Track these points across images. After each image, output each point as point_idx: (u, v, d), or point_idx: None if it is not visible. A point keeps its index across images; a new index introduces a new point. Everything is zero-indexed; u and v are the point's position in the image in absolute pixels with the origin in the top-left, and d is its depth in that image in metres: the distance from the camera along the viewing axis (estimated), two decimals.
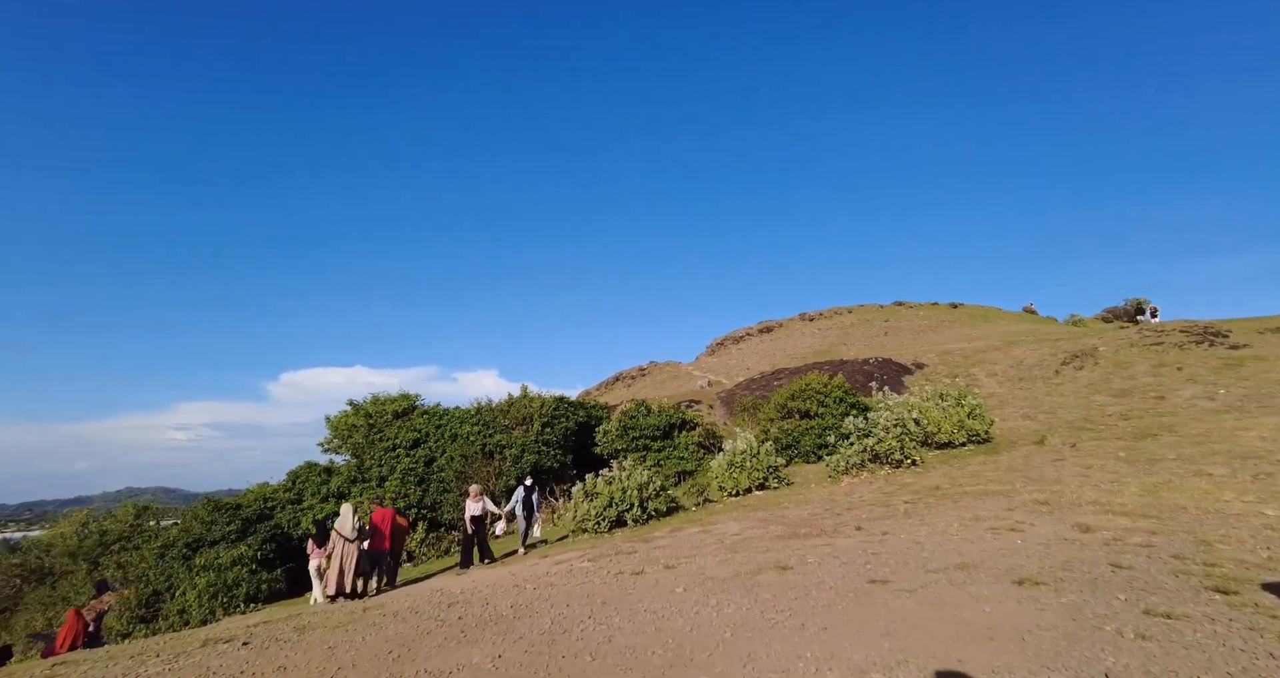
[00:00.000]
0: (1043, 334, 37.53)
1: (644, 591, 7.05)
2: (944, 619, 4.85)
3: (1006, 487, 11.11)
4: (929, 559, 6.81)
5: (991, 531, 7.94)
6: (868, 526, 9.51)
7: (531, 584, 8.88)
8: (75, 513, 36.45)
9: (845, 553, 7.61)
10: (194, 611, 17.49)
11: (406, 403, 27.99)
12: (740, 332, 65.46)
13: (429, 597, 9.05)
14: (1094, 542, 6.79)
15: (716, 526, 12.14)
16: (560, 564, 10.74)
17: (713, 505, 15.00)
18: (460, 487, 21.26)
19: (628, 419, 22.25)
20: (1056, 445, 14.58)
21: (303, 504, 22.45)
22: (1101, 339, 29.20)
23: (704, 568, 7.90)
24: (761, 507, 13.37)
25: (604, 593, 7.21)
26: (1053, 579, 5.49)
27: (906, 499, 11.43)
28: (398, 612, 7.89)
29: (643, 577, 7.95)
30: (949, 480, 12.52)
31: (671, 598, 6.50)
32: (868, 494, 12.83)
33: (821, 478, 15.85)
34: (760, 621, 5.34)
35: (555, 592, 7.76)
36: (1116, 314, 50.87)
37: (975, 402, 16.45)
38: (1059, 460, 12.88)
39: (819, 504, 12.58)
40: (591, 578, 8.57)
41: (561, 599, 7.17)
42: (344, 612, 8.68)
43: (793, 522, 11.08)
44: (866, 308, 63.35)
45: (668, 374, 56.63)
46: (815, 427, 18.54)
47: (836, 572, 6.70)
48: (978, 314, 56.57)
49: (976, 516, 9.01)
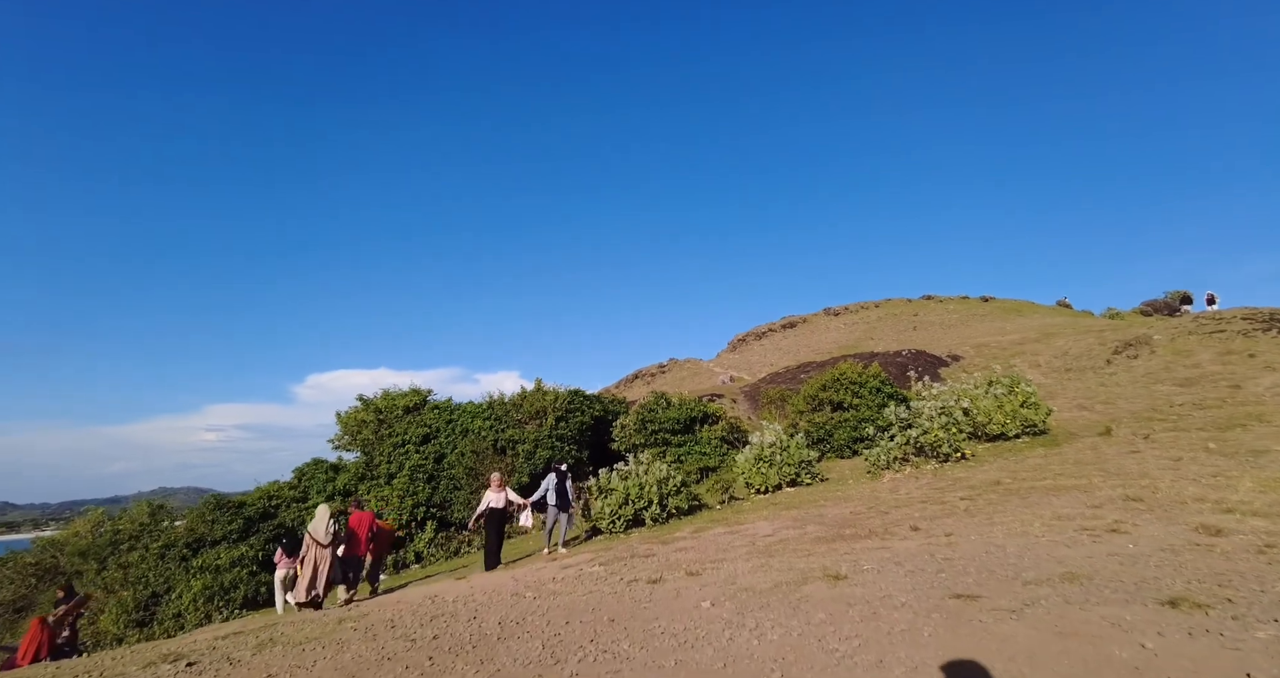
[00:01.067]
0: (1082, 326, 35.45)
1: (662, 604, 5.75)
2: (1087, 658, 3.43)
3: (1080, 481, 9.61)
4: (1020, 567, 5.41)
5: (1086, 532, 6.50)
6: (926, 525, 8.11)
7: (532, 593, 7.63)
8: (91, 512, 36.11)
9: (908, 559, 6.23)
10: (189, 614, 16.60)
11: (418, 398, 26.99)
12: (762, 328, 63.73)
13: (415, 607, 7.85)
14: (1236, 549, 5.33)
15: (745, 525, 10.80)
16: (568, 569, 9.48)
17: (739, 504, 13.66)
18: (471, 484, 20.12)
19: (646, 412, 20.95)
20: (1126, 437, 12.96)
21: (308, 503, 21.52)
22: (1152, 328, 27.25)
23: (735, 576, 6.58)
24: (795, 505, 12.00)
25: (613, 606, 5.92)
26: (1216, 600, 4.06)
27: (963, 496, 9.98)
28: (371, 627, 6.69)
29: (661, 586, 6.65)
30: (1009, 475, 11.03)
31: (697, 616, 5.18)
32: (915, 491, 11.39)
33: (859, 474, 14.41)
34: (818, 653, 3.98)
35: (557, 603, 6.50)
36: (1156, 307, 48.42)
37: (1030, 390, 14.86)
38: (1134, 453, 11.30)
39: (860, 502, 11.18)
40: (601, 586, 7.30)
41: (561, 614, 5.90)
42: (317, 625, 7.51)
43: (833, 521, 9.70)
44: (893, 302, 61.24)
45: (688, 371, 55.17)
46: (850, 419, 17.05)
47: (904, 583, 5.34)
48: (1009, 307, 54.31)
49: (1058, 514, 7.56)
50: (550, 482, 11.90)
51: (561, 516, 11.95)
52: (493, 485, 11.66)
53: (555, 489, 11.85)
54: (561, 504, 11.90)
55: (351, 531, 10.95)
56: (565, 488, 12.02)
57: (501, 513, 11.54)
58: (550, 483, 11.88)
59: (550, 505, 11.86)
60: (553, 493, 11.84)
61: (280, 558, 11.75)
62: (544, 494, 11.87)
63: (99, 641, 18.05)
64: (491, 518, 11.49)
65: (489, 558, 11.32)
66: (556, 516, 11.92)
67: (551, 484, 11.86)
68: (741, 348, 61.75)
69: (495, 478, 11.78)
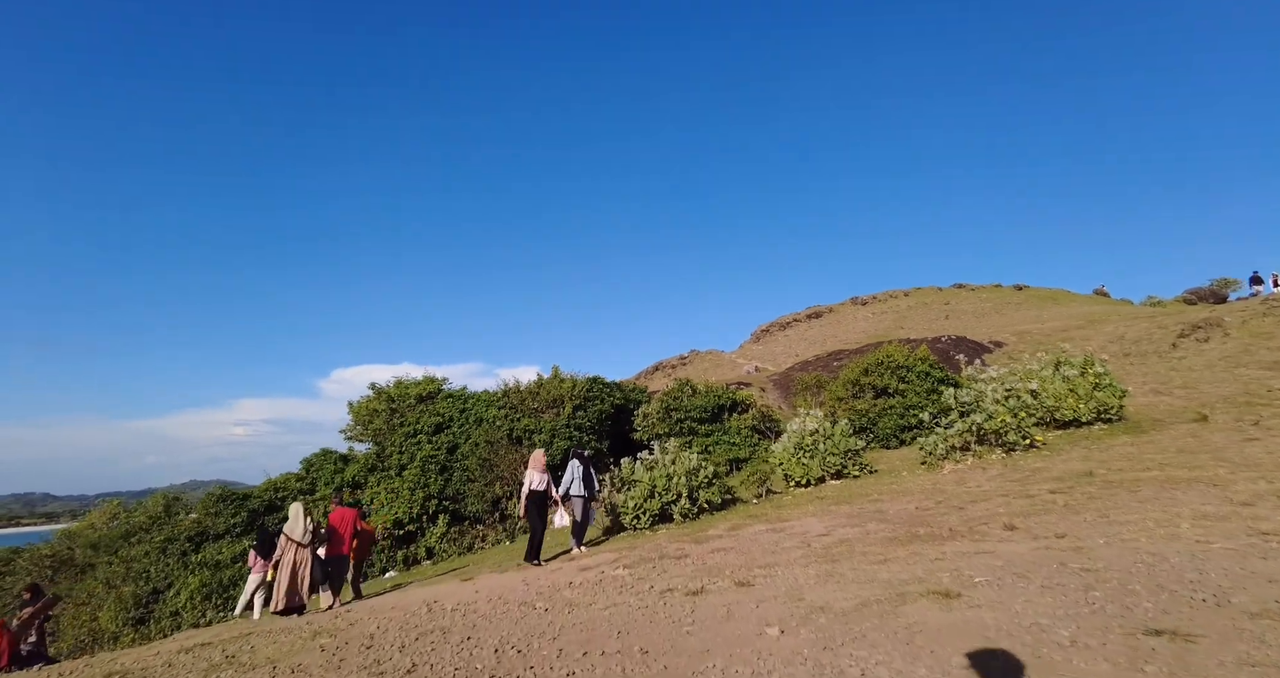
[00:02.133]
0: (1128, 313, 33.26)
1: (710, 628, 4.36)
2: None
3: (1200, 473, 8.02)
4: (1216, 587, 3.91)
5: (1260, 535, 4.98)
6: (1024, 524, 6.61)
7: (543, 602, 6.29)
8: (107, 503, 35.69)
9: (1029, 568, 4.77)
10: (186, 613, 15.63)
11: (432, 386, 25.88)
12: (787, 318, 61.83)
13: (405, 619, 6.55)
14: None
15: (791, 522, 9.37)
16: (587, 571, 8.13)
17: (778, 498, 12.21)
18: (486, 475, 18.89)
19: (671, 400, 19.53)
20: (1229, 423, 11.27)
21: (315, 495, 20.49)
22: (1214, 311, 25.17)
23: (799, 588, 5.16)
24: (845, 499, 10.52)
25: (645, 630, 4.54)
26: None
27: (1052, 489, 8.44)
28: (344, 646, 5.40)
29: (704, 599, 5.26)
30: (1100, 465, 9.44)
31: (763, 650, 3.78)
32: (986, 483, 9.86)
33: (912, 465, 12.86)
34: None
35: (572, 621, 5.14)
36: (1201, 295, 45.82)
37: (1103, 371, 13.16)
38: (1252, 441, 9.64)
39: (923, 496, 9.68)
40: (627, 597, 5.92)
41: (578, 638, 4.53)
42: (287, 641, 6.25)
43: (898, 518, 8.23)
44: (924, 291, 58.99)
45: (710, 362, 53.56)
46: (897, 405, 15.47)
47: (1046, 605, 3.89)
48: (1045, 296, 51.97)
49: (1200, 512, 6.02)
50: (575, 470, 10.45)
51: (583, 508, 10.50)
52: (533, 464, 10.14)
53: (581, 478, 10.42)
54: (588, 495, 10.49)
55: (333, 528, 9.71)
56: (591, 475, 10.64)
57: (544, 497, 10.06)
58: (575, 471, 10.43)
59: (575, 497, 10.39)
60: (579, 482, 10.38)
61: (254, 561, 10.56)
62: (570, 484, 10.37)
63: (96, 639, 17.21)
64: (533, 502, 9.93)
65: (532, 550, 9.69)
66: (585, 507, 10.47)
67: (578, 473, 10.41)
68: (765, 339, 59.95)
69: (539, 456, 10.25)
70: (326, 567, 9.43)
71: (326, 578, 9.37)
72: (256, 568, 10.43)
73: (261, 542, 10.79)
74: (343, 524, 9.77)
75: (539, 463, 10.11)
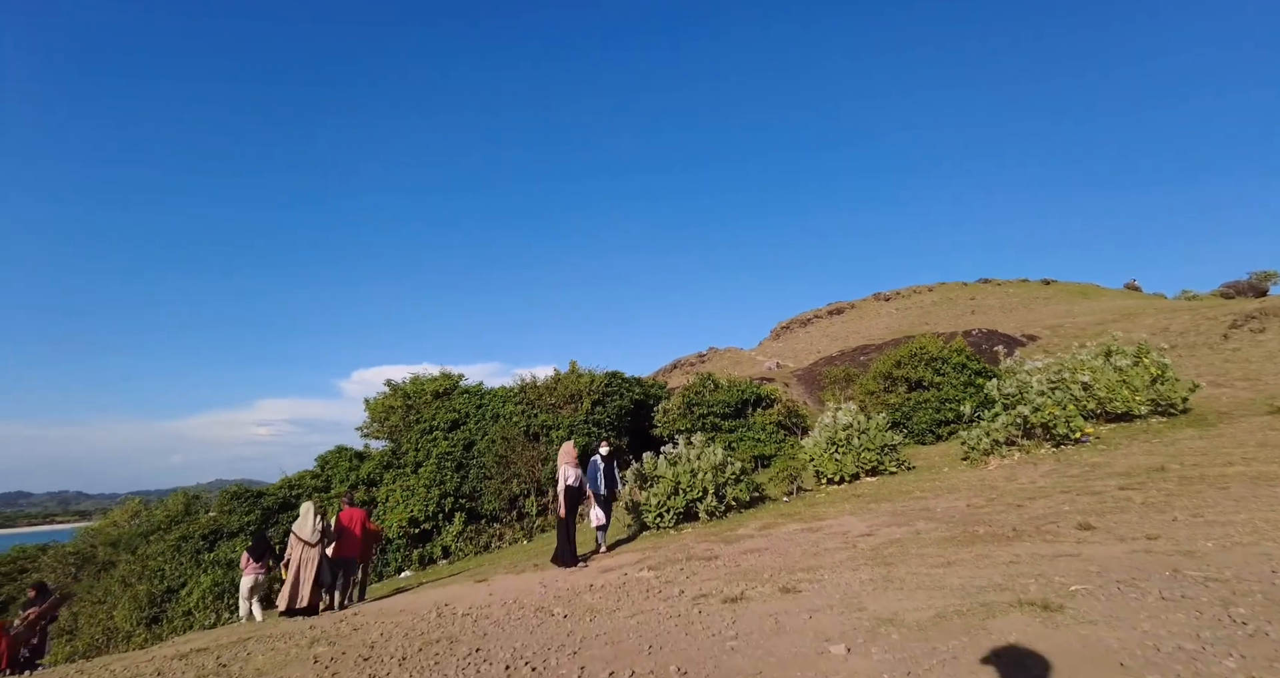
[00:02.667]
0: (1164, 306, 31.83)
1: (759, 643, 3.70)
2: None
3: None
4: None
5: None
6: (1102, 523, 5.85)
7: (562, 608, 5.67)
8: (129, 501, 35.83)
9: (1134, 575, 4.04)
10: (198, 613, 15.29)
11: (448, 382, 25.45)
12: (807, 314, 60.72)
13: (412, 625, 5.98)
14: None
15: (827, 521, 8.67)
16: (609, 573, 7.52)
17: (810, 495, 11.48)
18: (503, 473, 18.35)
19: (693, 395, 18.84)
20: None
21: (330, 492, 20.11)
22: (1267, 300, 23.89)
23: (855, 595, 4.48)
24: (884, 497, 9.77)
25: (681, 644, 3.89)
26: None
27: (1120, 485, 7.64)
28: (341, 658, 4.83)
29: (745, 607, 4.60)
30: (1172, 460, 8.61)
31: (829, 673, 3.12)
32: (1041, 479, 9.06)
33: (952, 460, 12.06)
34: None
35: (594, 631, 4.51)
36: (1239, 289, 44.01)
37: (1163, 361, 12.25)
38: None
39: (972, 492, 8.91)
40: (655, 602, 5.28)
41: (602, 655, 3.89)
42: (283, 649, 5.70)
43: (949, 517, 7.49)
44: (948, 286, 57.56)
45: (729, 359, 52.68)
46: (932, 399, 14.63)
47: (1180, 623, 3.17)
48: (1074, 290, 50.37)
49: None
50: (597, 466, 9.93)
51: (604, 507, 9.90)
52: (566, 458, 9.31)
53: (605, 474, 9.91)
54: (609, 492, 9.97)
55: (343, 527, 9.19)
56: (614, 472, 10.15)
57: (578, 493, 9.31)
58: (598, 467, 9.91)
59: (598, 495, 9.82)
60: (601, 479, 9.88)
61: (246, 563, 10.06)
62: (594, 483, 9.84)
63: (111, 638, 16.98)
64: (569, 499, 9.13)
65: (563, 553, 8.86)
66: (606, 505, 9.90)
67: (599, 469, 9.89)
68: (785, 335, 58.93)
69: (569, 449, 9.44)
70: (335, 568, 8.93)
71: (334, 579, 8.87)
72: (248, 570, 9.97)
73: (255, 544, 10.33)
74: (353, 524, 9.26)
75: (570, 456, 9.36)
